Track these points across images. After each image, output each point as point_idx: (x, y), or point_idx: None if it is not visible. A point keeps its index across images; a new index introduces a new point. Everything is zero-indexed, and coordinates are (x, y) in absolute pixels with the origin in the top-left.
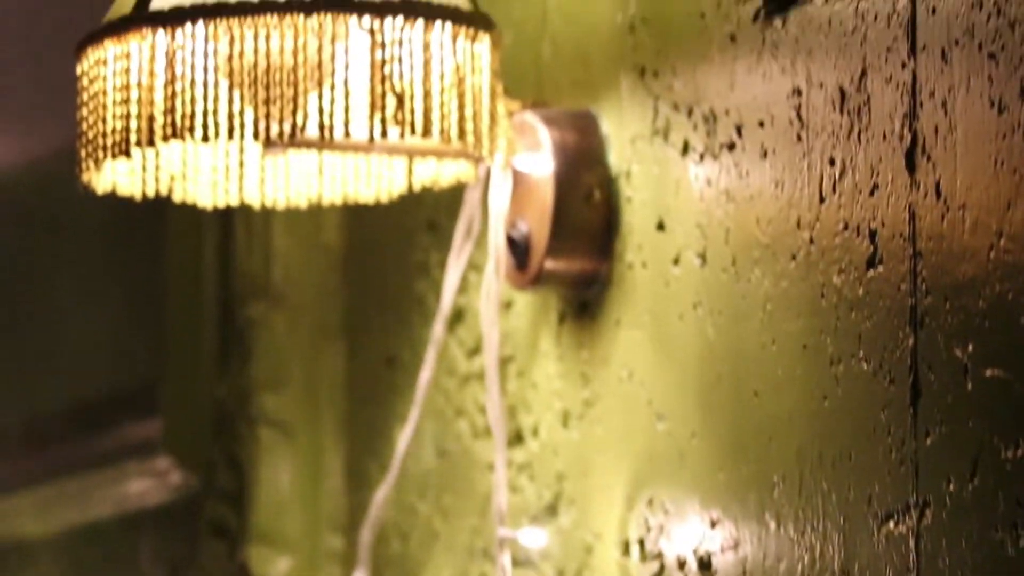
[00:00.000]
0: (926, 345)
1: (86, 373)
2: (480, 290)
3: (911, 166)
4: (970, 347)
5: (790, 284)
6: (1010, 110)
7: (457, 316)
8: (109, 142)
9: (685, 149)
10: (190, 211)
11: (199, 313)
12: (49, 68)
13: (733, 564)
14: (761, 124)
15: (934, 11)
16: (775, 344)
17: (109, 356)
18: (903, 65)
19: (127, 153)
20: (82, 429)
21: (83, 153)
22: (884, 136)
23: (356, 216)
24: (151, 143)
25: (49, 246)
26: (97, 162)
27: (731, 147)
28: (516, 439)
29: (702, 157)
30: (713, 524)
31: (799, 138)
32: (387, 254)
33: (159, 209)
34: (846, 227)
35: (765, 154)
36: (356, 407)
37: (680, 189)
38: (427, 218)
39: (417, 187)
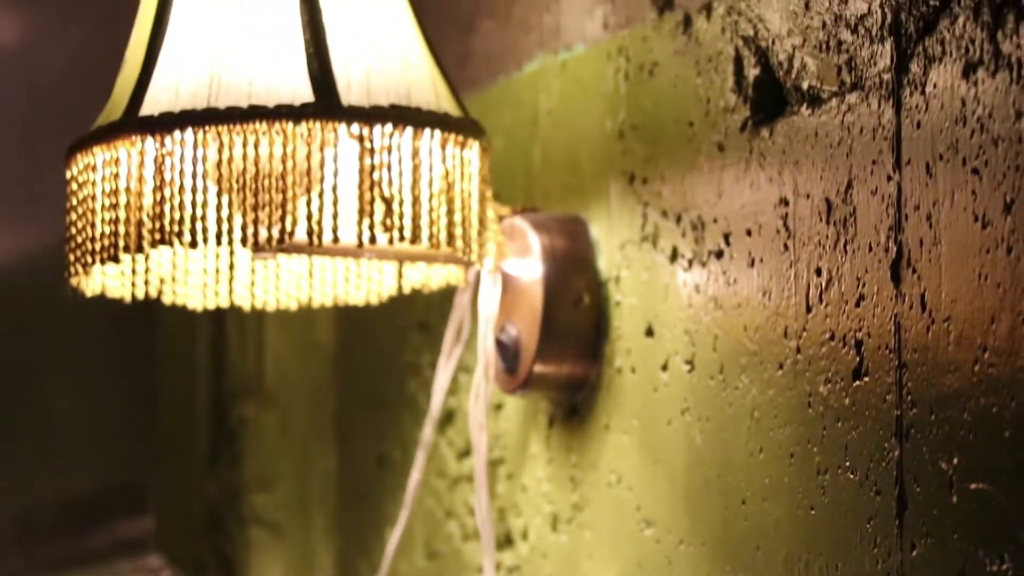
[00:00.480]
0: (911, 457)
1: (79, 470)
2: (470, 392)
3: (896, 278)
4: (955, 459)
5: (777, 392)
6: (994, 224)
7: (447, 417)
8: (97, 247)
9: (674, 255)
10: (183, 310)
11: (192, 412)
12: (43, 165)
13: None
14: (749, 232)
15: (919, 125)
16: (763, 452)
17: (102, 453)
18: (888, 178)
19: (115, 259)
20: (74, 526)
21: (71, 257)
22: (870, 247)
23: (348, 316)
24: (139, 248)
25: (43, 342)
26: (85, 266)
27: (719, 255)
28: (506, 542)
29: (691, 264)
30: None
31: (786, 247)
32: (379, 354)
33: (153, 307)
34: (832, 337)
35: (753, 262)
36: (347, 507)
37: (669, 295)
38: (418, 319)
39: (407, 290)
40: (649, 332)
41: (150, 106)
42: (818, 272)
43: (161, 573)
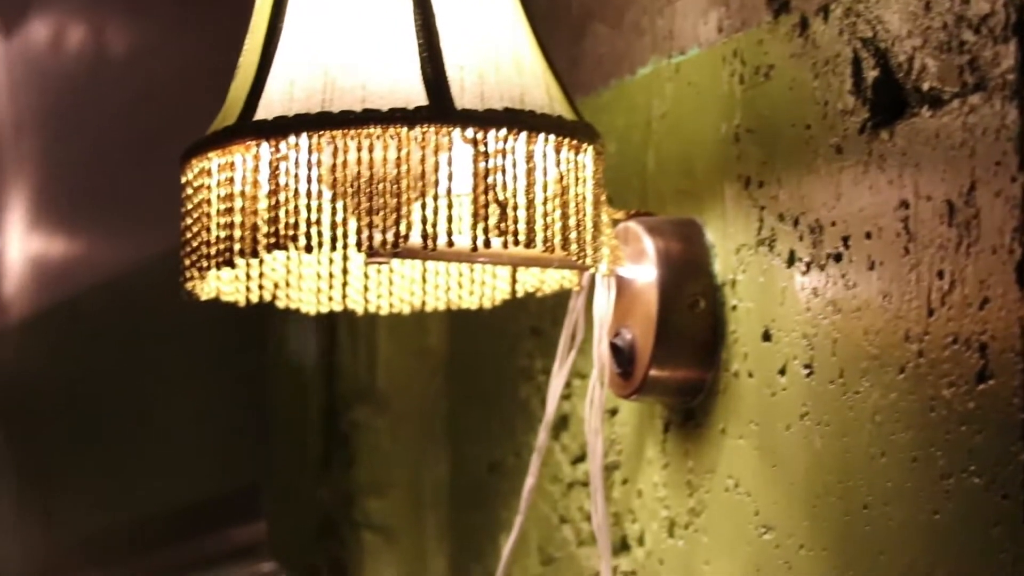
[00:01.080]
0: None
1: (191, 476)
2: (584, 397)
3: (1022, 280)
4: None
5: (899, 396)
6: None
7: (561, 422)
8: (213, 251)
9: (791, 259)
10: (295, 315)
11: (304, 417)
12: (157, 173)
13: None
14: (868, 235)
15: None
16: (884, 456)
17: (214, 459)
18: (1012, 179)
19: (231, 263)
20: (187, 533)
21: (187, 262)
22: (994, 250)
23: (460, 321)
24: (254, 254)
25: (156, 349)
26: (201, 271)
27: (838, 258)
28: (621, 547)
29: (808, 267)
30: None
31: (907, 250)
32: (491, 359)
33: (265, 313)
34: (955, 340)
35: (873, 265)
36: (459, 512)
37: (786, 299)
38: (531, 324)
39: (520, 295)
40: (766, 336)
41: (265, 111)
42: (940, 275)
43: None
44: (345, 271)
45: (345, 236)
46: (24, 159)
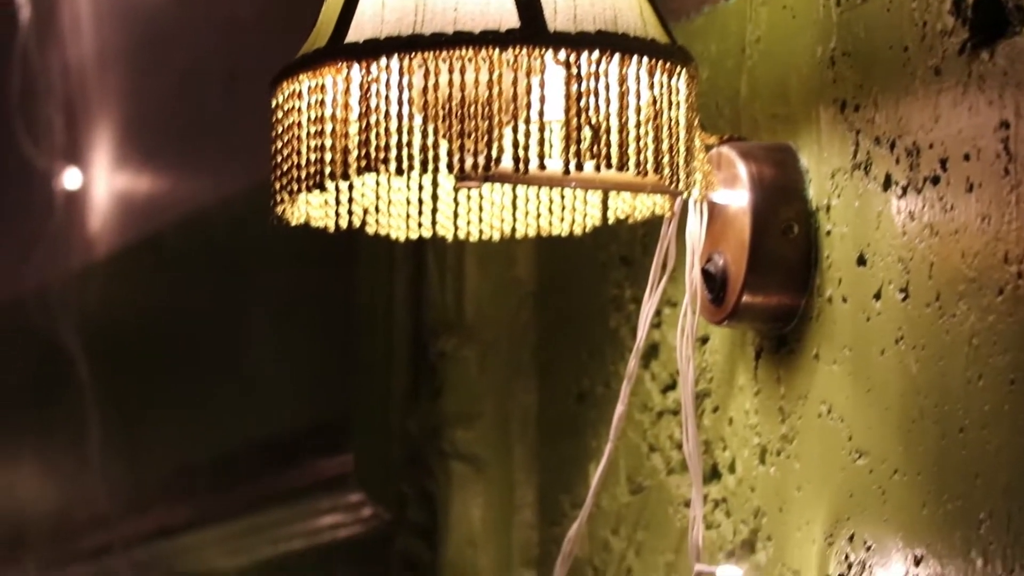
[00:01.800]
0: None
1: (278, 409)
2: (675, 325)
3: None
4: None
5: (997, 319)
6: None
7: (651, 351)
8: (303, 174)
9: (887, 183)
10: (382, 245)
11: (391, 348)
12: (244, 106)
13: None
14: (967, 157)
15: None
16: (981, 380)
17: (300, 391)
18: None
19: (321, 186)
20: (273, 464)
21: (277, 186)
22: None
23: (548, 250)
24: (345, 176)
25: (241, 284)
26: (291, 194)
27: (935, 180)
28: (712, 475)
29: (905, 191)
30: (917, 561)
31: (1007, 171)
32: (580, 289)
33: (351, 244)
34: None
35: (971, 188)
36: (548, 442)
37: (882, 223)
38: (621, 253)
39: (612, 221)
40: (861, 261)
41: (355, 33)
42: None
43: (361, 509)
44: (435, 196)
45: (436, 159)
46: (109, 94)
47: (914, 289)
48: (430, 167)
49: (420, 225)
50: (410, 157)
